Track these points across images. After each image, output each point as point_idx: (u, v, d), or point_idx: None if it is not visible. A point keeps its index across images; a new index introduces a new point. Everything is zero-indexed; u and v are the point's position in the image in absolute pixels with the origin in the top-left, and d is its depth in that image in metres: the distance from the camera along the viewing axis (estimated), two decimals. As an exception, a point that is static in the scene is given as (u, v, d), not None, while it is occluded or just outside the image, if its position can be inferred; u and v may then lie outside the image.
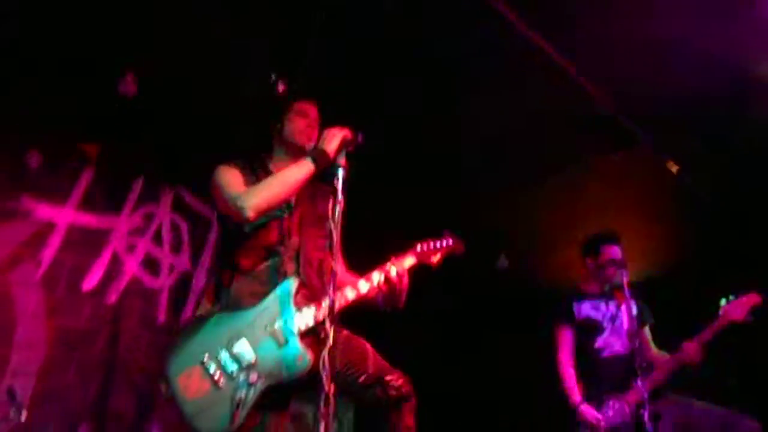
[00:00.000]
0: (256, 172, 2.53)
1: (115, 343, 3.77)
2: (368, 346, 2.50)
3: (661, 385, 3.41)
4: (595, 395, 3.51)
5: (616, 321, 3.66)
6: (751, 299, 3.41)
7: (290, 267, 2.41)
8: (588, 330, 3.67)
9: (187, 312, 4.22)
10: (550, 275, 5.47)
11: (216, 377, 2.13)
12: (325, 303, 2.06)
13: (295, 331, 2.26)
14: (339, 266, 2.52)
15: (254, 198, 2.30)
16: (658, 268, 5.36)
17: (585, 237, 3.95)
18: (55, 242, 3.63)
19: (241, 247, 2.41)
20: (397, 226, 3.68)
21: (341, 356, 2.26)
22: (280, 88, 3.53)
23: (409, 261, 2.56)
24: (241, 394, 2.11)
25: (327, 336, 1.88)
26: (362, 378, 2.38)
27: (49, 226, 3.63)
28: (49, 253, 3.60)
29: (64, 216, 3.71)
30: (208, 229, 4.47)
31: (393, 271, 2.46)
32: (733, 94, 3.75)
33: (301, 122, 2.61)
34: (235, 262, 2.40)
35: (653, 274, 5.25)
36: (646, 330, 3.73)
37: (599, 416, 3.42)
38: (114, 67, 3.64)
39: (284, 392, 2.30)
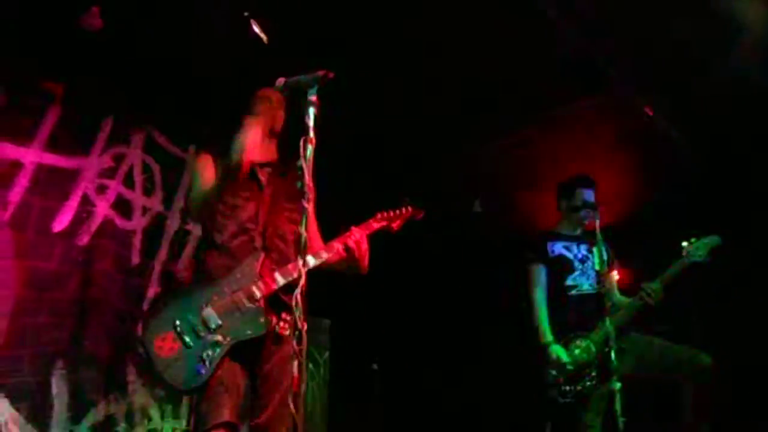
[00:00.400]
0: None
1: (88, 285, 3.75)
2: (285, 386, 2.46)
3: (624, 324, 3.51)
4: (562, 333, 3.61)
5: (587, 262, 3.74)
6: (712, 241, 3.52)
7: (259, 242, 2.61)
8: (559, 268, 3.76)
9: (161, 254, 4.20)
10: (524, 220, 5.51)
11: (186, 339, 2.40)
12: (285, 273, 2.47)
13: (258, 297, 2.49)
14: (313, 233, 2.79)
15: (191, 203, 2.83)
16: (631, 212, 5.43)
17: (561, 180, 3.99)
18: (22, 183, 3.55)
19: (216, 225, 2.63)
20: (370, 180, 3.67)
21: (274, 374, 2.50)
22: (256, 29, 3.48)
23: (369, 228, 2.79)
24: (208, 351, 2.38)
25: (287, 299, 2.14)
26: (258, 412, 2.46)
27: (16, 167, 3.54)
28: (16, 193, 3.53)
29: (31, 156, 3.61)
30: (181, 171, 4.40)
31: (351, 238, 2.68)
32: (711, 39, 3.74)
33: (262, 107, 2.70)
34: (210, 239, 2.64)
35: (625, 218, 5.32)
36: (614, 273, 3.82)
37: (566, 356, 3.52)
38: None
39: (249, 351, 2.49)
